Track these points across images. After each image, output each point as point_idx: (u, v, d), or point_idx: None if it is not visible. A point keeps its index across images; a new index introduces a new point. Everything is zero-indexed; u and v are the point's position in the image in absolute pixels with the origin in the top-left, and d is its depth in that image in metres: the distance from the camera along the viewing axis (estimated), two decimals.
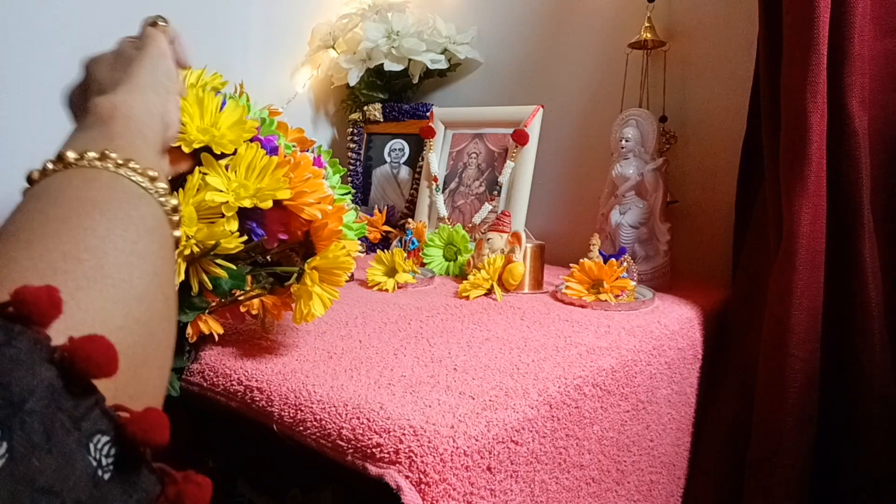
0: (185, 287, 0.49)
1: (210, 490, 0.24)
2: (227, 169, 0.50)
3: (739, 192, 0.88)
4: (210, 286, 0.51)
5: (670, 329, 0.73)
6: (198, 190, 0.48)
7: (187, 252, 0.48)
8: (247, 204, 0.49)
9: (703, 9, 0.96)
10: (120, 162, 0.34)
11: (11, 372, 0.19)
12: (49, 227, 0.29)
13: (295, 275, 0.56)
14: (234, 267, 0.51)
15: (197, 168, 0.49)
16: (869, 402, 0.69)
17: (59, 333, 0.22)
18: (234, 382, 0.54)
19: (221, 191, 0.49)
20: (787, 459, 0.69)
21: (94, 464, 0.21)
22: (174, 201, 0.36)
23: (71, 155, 0.33)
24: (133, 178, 0.34)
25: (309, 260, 0.56)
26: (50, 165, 0.33)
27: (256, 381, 0.53)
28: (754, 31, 0.80)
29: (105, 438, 0.21)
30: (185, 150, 0.49)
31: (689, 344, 0.77)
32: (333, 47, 1.26)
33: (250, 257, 0.54)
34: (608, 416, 0.60)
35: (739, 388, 0.77)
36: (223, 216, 0.49)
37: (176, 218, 0.37)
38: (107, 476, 0.21)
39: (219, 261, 0.50)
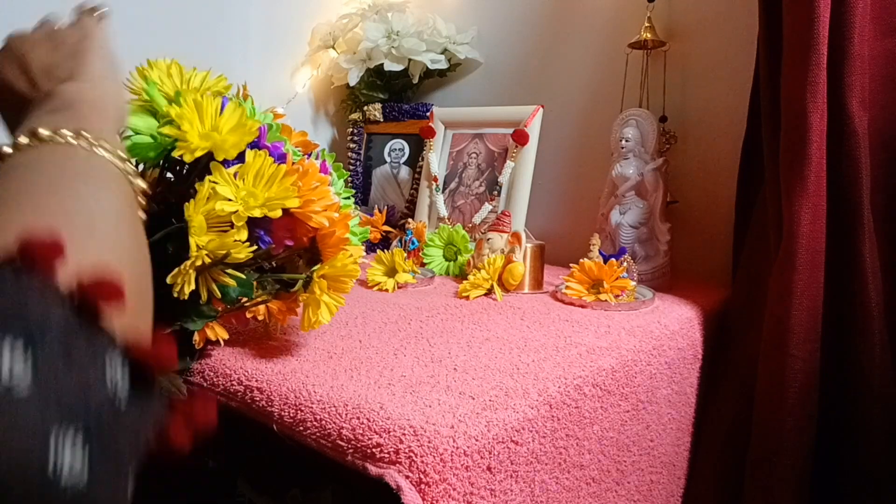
0: (194, 296, 0.49)
1: (215, 407, 0.25)
2: (235, 177, 0.50)
3: (739, 192, 0.88)
4: (219, 294, 0.51)
5: (670, 329, 0.73)
6: (207, 199, 0.49)
7: (199, 263, 0.48)
8: (256, 214, 0.50)
9: (703, 9, 0.96)
10: (93, 141, 0.34)
11: (27, 307, 0.20)
12: (37, 193, 0.29)
13: (302, 282, 0.57)
14: (243, 276, 0.52)
15: (207, 177, 0.49)
16: (869, 402, 0.69)
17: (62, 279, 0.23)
18: (234, 382, 0.54)
19: (230, 199, 0.49)
20: (787, 459, 0.69)
21: (111, 387, 0.21)
22: (142, 184, 0.37)
23: (44, 132, 0.33)
24: (106, 157, 0.34)
25: (316, 268, 0.56)
26: (24, 140, 0.33)
27: (256, 381, 0.53)
28: (754, 31, 0.79)
29: (119, 364, 0.22)
30: (188, 158, 0.49)
31: (689, 344, 0.77)
32: (333, 47, 1.26)
33: (256, 263, 0.55)
34: (608, 416, 0.60)
35: (739, 388, 0.77)
36: (232, 225, 0.49)
37: (143, 201, 0.37)
38: (123, 400, 0.22)
39: (228, 270, 0.51)
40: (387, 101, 1.26)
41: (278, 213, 0.50)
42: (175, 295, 0.48)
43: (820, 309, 0.70)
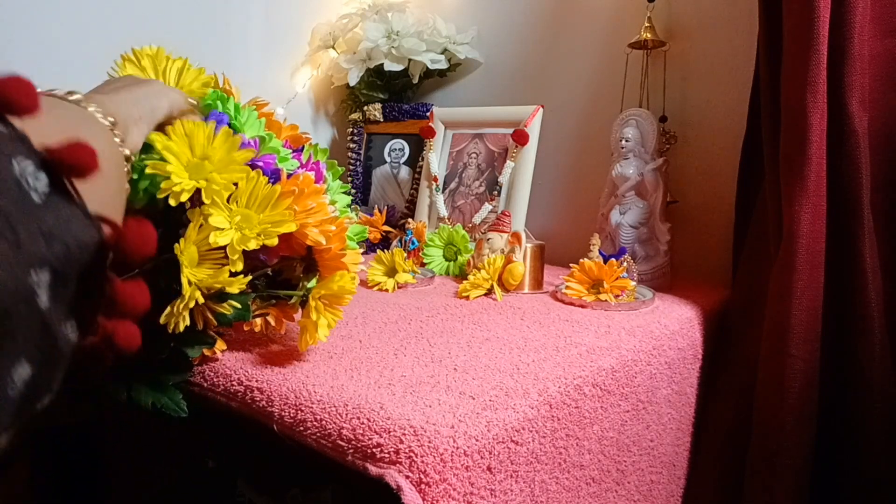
0: (190, 324, 0.49)
1: (153, 235, 0.25)
2: (228, 200, 0.48)
3: (739, 192, 0.88)
4: (215, 323, 0.50)
5: (670, 329, 0.73)
6: (200, 227, 0.46)
7: (192, 304, 0.47)
8: (252, 246, 0.48)
9: (703, 9, 0.96)
10: (80, 98, 0.36)
11: None
12: None
13: (299, 299, 0.56)
14: (239, 305, 0.51)
15: (199, 208, 0.47)
16: (869, 402, 0.69)
17: None
18: (234, 382, 0.54)
19: (223, 228, 0.47)
20: (787, 459, 0.69)
21: (18, 175, 0.21)
22: (127, 151, 0.38)
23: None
24: (91, 110, 0.36)
25: (313, 286, 0.55)
26: None
27: (256, 381, 0.53)
28: (754, 31, 0.80)
29: (28, 163, 0.21)
30: (172, 202, 0.46)
31: (689, 344, 0.77)
32: (333, 47, 1.26)
33: (252, 281, 0.54)
34: (608, 416, 0.60)
35: (739, 388, 0.77)
36: (226, 257, 0.47)
37: (128, 167, 0.38)
38: (37, 197, 0.21)
39: (227, 302, 0.50)
40: (387, 101, 1.26)
41: (275, 242, 0.49)
42: (170, 331, 0.47)
43: (820, 309, 0.70)
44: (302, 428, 0.47)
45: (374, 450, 0.43)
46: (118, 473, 0.68)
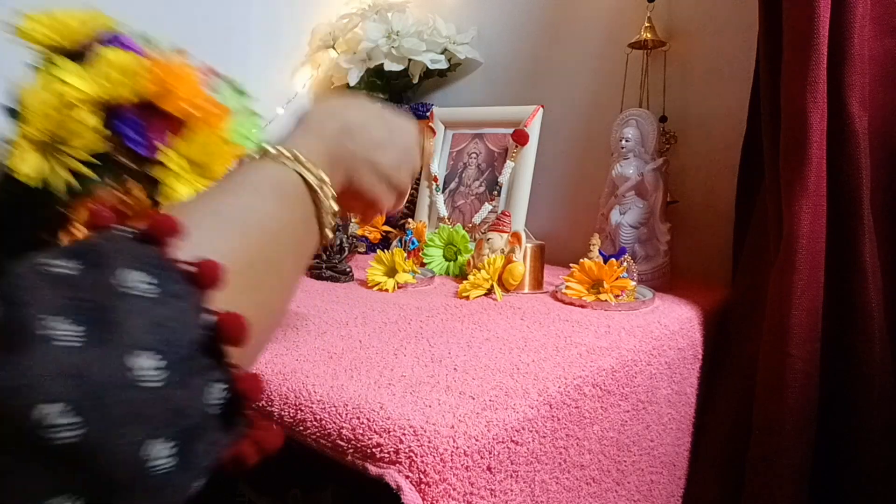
0: (49, 189, 0.45)
1: (281, 437, 0.31)
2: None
3: (739, 192, 0.88)
4: (76, 183, 0.46)
5: (670, 329, 0.73)
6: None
7: (34, 137, 0.43)
8: (98, 92, 0.44)
9: (703, 9, 0.96)
10: (301, 160, 0.38)
11: (176, 327, 0.25)
12: (210, 194, 0.36)
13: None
14: (97, 161, 0.46)
15: (50, 68, 0.45)
16: (869, 403, 0.69)
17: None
18: None
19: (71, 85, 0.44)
20: (787, 459, 0.69)
21: (205, 400, 0.26)
22: (334, 206, 0.40)
23: (270, 149, 0.39)
24: (304, 174, 0.38)
25: (172, 145, 0.50)
26: (256, 154, 0.39)
27: None
28: (754, 31, 0.79)
29: (221, 387, 0.27)
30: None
31: (689, 344, 0.77)
32: (333, 47, 1.27)
33: (129, 168, 0.49)
34: (608, 416, 0.60)
35: (739, 388, 0.77)
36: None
37: (332, 221, 0.41)
38: (214, 412, 0.27)
39: (78, 158, 0.45)
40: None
41: (125, 95, 0.45)
42: (21, 180, 0.43)
43: (820, 309, 0.70)
44: (302, 428, 0.47)
45: (373, 450, 0.43)
46: None
